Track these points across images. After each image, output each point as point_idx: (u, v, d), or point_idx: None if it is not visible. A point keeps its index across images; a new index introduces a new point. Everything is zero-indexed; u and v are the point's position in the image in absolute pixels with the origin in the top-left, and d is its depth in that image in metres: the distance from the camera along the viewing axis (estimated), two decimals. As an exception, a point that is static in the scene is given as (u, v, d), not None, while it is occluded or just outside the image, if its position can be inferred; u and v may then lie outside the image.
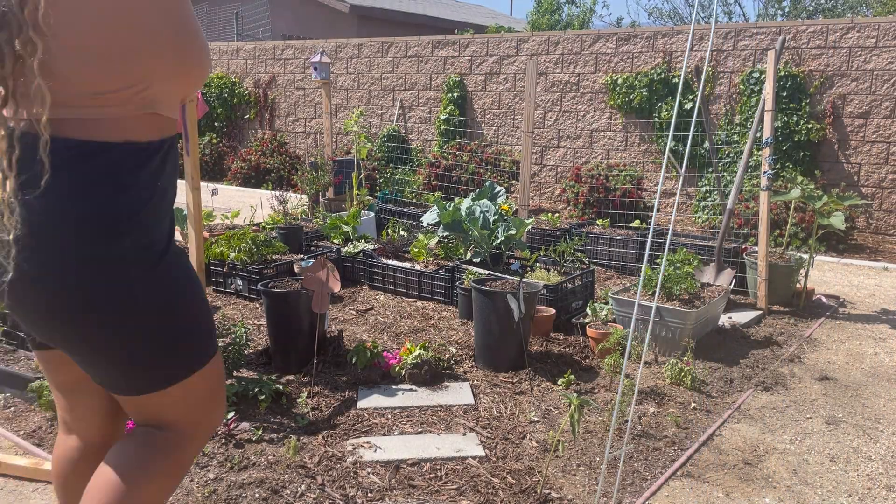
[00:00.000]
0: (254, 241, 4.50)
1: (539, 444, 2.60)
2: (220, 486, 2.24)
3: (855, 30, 6.76)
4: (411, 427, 2.70)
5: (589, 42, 8.19)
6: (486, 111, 8.99)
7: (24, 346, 3.05)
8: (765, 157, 4.36)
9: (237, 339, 2.97)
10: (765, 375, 3.36)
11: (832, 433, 2.80)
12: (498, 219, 4.59)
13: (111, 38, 1.19)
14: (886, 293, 5.03)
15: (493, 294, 3.22)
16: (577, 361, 3.41)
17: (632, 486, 2.35)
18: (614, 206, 7.28)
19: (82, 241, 1.20)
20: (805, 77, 6.97)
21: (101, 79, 1.20)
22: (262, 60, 10.99)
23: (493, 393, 3.01)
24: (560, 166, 8.53)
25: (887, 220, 6.81)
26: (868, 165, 6.83)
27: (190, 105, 3.17)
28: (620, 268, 5.29)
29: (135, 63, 1.22)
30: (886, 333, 4.08)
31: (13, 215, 1.13)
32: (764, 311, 4.31)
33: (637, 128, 7.98)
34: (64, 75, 1.17)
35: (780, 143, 6.99)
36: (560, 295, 3.83)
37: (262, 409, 2.77)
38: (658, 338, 3.52)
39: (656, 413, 2.90)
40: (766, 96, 4.41)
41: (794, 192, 4.72)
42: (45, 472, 2.30)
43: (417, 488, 2.28)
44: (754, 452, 2.62)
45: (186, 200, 3.21)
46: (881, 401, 3.12)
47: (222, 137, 11.38)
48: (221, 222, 5.91)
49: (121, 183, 1.22)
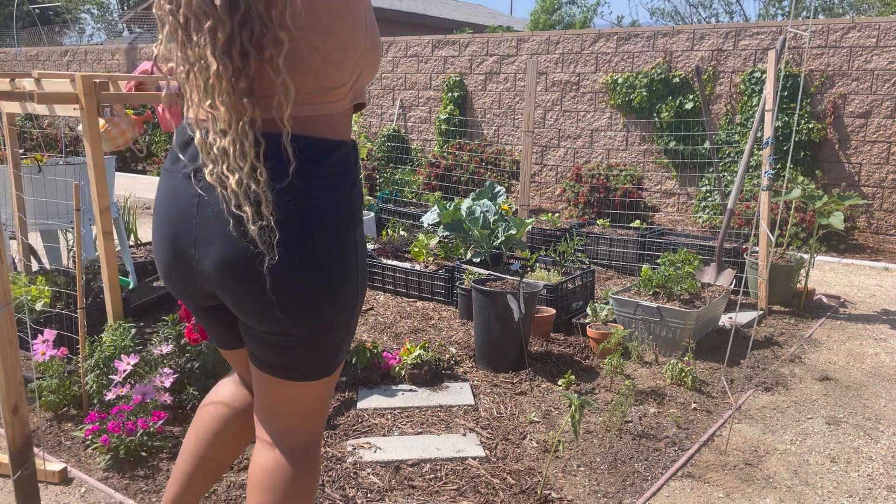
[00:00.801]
0: (254, 240, 4.49)
1: (539, 444, 2.60)
2: (219, 487, 2.23)
3: (855, 29, 6.75)
4: (411, 427, 2.70)
5: (589, 41, 8.18)
6: (487, 111, 8.99)
7: (24, 345, 3.05)
8: (765, 156, 4.35)
9: (237, 340, 2.96)
10: (765, 376, 3.35)
11: (833, 433, 2.80)
12: (498, 219, 4.59)
13: (339, 34, 1.24)
14: (887, 293, 5.02)
15: (493, 294, 3.22)
16: (578, 362, 3.40)
17: (632, 486, 2.35)
18: (615, 206, 7.28)
19: (330, 231, 1.28)
20: (805, 77, 6.97)
21: (331, 75, 1.25)
22: (262, 60, 10.99)
23: (494, 393, 3.01)
24: (560, 166, 8.52)
25: (888, 220, 6.80)
26: (869, 165, 6.83)
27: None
28: (621, 268, 5.29)
29: (355, 57, 1.28)
30: (887, 333, 4.08)
31: (269, 205, 1.18)
32: (764, 311, 4.30)
33: (637, 127, 7.97)
34: (299, 73, 1.21)
35: (781, 143, 6.98)
36: (560, 295, 3.82)
37: (262, 409, 2.77)
38: (658, 338, 3.51)
39: (657, 413, 2.89)
40: (766, 96, 4.41)
41: (795, 191, 4.71)
42: (44, 473, 2.29)
43: (417, 489, 2.27)
44: (755, 453, 2.62)
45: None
46: (882, 401, 3.12)
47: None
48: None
49: (353, 177, 1.33)
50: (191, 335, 2.71)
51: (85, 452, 2.46)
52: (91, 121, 2.77)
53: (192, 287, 1.36)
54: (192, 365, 2.75)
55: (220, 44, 1.14)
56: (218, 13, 1.12)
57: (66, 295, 3.25)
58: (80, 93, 2.72)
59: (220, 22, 1.13)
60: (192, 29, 1.14)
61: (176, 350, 2.78)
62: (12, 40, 18.26)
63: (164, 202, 1.34)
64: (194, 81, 1.18)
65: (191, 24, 1.14)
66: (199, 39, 1.14)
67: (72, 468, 2.35)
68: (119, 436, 2.37)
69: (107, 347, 2.66)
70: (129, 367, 2.56)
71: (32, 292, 3.22)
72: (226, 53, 1.14)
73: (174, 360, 2.78)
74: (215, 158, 1.19)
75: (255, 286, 1.24)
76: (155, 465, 2.37)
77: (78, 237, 2.66)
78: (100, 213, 2.83)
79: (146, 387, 2.52)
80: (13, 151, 3.59)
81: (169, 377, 2.59)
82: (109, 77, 3.05)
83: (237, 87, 1.16)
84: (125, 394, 2.52)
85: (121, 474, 2.31)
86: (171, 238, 1.32)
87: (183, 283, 1.37)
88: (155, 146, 11.79)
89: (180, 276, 1.35)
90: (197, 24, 1.14)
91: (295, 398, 1.41)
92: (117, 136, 3.57)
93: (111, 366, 2.62)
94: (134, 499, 2.19)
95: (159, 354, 2.71)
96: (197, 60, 1.15)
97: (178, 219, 1.30)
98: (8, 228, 3.79)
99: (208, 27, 1.13)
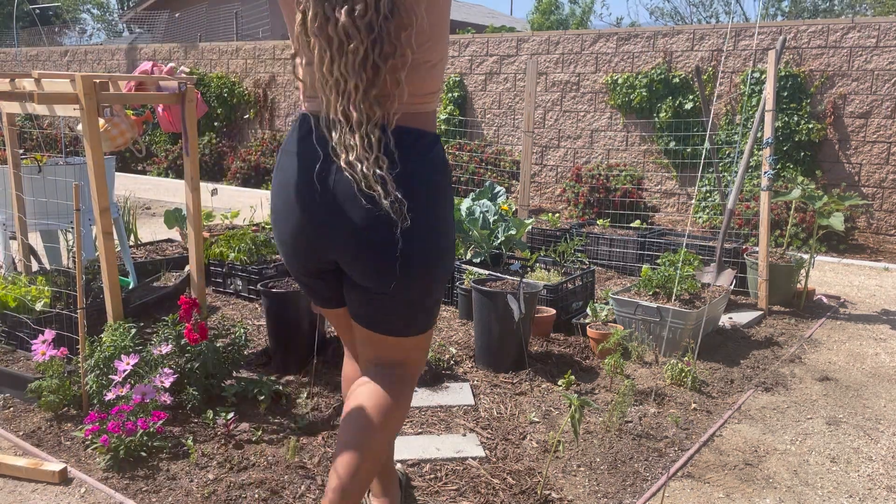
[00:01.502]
0: (253, 241, 4.50)
1: (539, 444, 2.60)
2: (219, 487, 2.23)
3: (855, 30, 6.75)
4: (411, 427, 2.70)
5: (589, 42, 8.18)
6: (486, 111, 8.99)
7: (24, 346, 3.05)
8: (765, 157, 4.35)
9: (236, 340, 2.96)
10: (765, 376, 3.35)
11: (833, 434, 2.80)
12: (498, 219, 4.59)
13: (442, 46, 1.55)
14: (887, 293, 5.03)
15: (493, 294, 3.22)
16: (578, 362, 3.40)
17: (632, 486, 2.35)
18: (615, 206, 7.28)
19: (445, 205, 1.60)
20: (805, 77, 6.97)
21: (434, 80, 1.56)
22: (261, 60, 10.98)
23: (494, 393, 3.01)
24: (560, 166, 8.52)
25: (888, 220, 6.80)
26: (869, 165, 6.83)
27: (189, 105, 3.16)
28: (621, 268, 5.29)
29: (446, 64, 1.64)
30: (887, 334, 4.08)
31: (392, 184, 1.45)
32: (764, 311, 4.30)
33: (637, 128, 7.97)
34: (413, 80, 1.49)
35: (781, 143, 6.98)
36: (560, 295, 3.83)
37: (262, 409, 2.77)
38: (658, 338, 3.51)
39: (657, 413, 2.89)
40: (766, 96, 4.41)
41: (795, 192, 4.71)
42: (45, 473, 2.29)
43: (417, 489, 2.27)
44: (755, 453, 2.62)
45: (186, 200, 3.20)
46: (882, 401, 3.12)
47: (222, 137, 11.37)
48: (221, 222, 5.91)
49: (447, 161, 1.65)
50: (191, 335, 2.71)
51: (85, 452, 2.46)
52: (91, 121, 2.77)
53: (314, 254, 1.61)
54: (192, 365, 2.75)
55: (359, 60, 1.40)
56: (360, 36, 1.38)
57: (66, 295, 3.25)
58: (80, 93, 2.72)
59: (360, 43, 1.39)
60: (335, 47, 1.40)
61: (176, 350, 2.78)
62: (12, 40, 18.26)
63: (294, 180, 1.57)
64: (333, 88, 1.43)
65: (334, 43, 1.40)
66: (342, 56, 1.40)
67: (72, 468, 2.35)
68: (119, 436, 2.37)
69: (107, 347, 2.66)
70: (128, 368, 2.56)
71: (32, 292, 3.22)
72: (362, 68, 1.41)
73: (174, 360, 2.78)
74: (347, 149, 1.45)
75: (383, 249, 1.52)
76: (155, 465, 2.37)
77: (78, 237, 2.66)
78: (100, 213, 2.83)
79: (146, 387, 2.52)
80: (13, 151, 3.59)
81: (169, 377, 2.58)
82: (109, 77, 3.05)
83: (368, 95, 1.42)
84: (125, 394, 2.51)
85: (121, 474, 2.31)
86: (302, 211, 1.56)
87: (308, 250, 1.61)
88: (155, 146, 11.79)
89: (307, 244, 1.60)
90: (340, 44, 1.39)
91: (396, 345, 1.69)
92: (117, 136, 3.57)
93: (111, 366, 2.62)
94: (134, 499, 2.19)
95: (159, 354, 2.71)
96: (339, 73, 1.41)
97: (311, 195, 1.54)
98: (8, 228, 3.79)
99: (352, 48, 1.39)
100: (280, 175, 1.61)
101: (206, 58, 11.65)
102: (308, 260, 1.64)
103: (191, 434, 2.56)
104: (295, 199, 1.57)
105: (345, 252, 1.56)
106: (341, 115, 1.44)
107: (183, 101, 3.14)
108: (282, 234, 1.64)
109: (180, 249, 4.90)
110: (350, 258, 1.56)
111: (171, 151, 11.48)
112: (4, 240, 3.82)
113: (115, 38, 26.37)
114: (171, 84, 3.16)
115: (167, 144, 11.74)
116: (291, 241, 1.62)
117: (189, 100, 3.15)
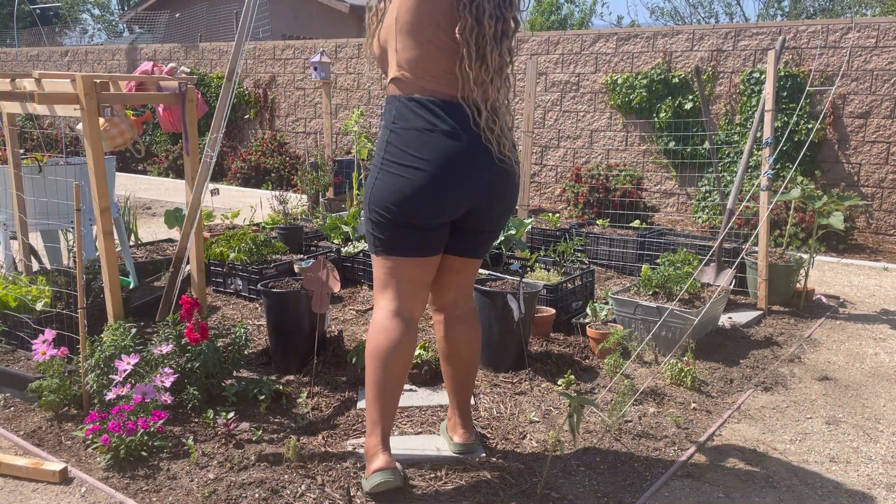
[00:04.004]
0: (254, 241, 4.50)
1: (539, 444, 2.60)
2: (219, 487, 2.24)
3: (855, 30, 6.76)
4: (411, 427, 2.70)
5: (589, 42, 8.18)
6: (487, 111, 8.98)
7: (25, 345, 3.05)
8: (765, 157, 4.35)
9: (237, 340, 2.96)
10: (765, 376, 3.36)
11: (832, 433, 2.80)
12: (498, 219, 4.59)
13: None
14: (887, 293, 5.03)
15: (493, 294, 3.22)
16: (578, 361, 3.41)
17: (632, 486, 2.35)
18: (614, 206, 7.28)
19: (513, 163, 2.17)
20: (805, 77, 6.97)
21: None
22: (261, 60, 10.99)
23: (493, 393, 3.01)
24: (560, 166, 8.53)
25: (887, 220, 6.80)
26: (868, 165, 6.83)
27: (190, 105, 3.17)
28: (620, 268, 5.29)
29: None
30: (887, 333, 4.08)
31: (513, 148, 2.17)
32: (764, 311, 4.30)
33: (637, 128, 7.97)
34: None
35: (781, 143, 6.98)
36: (560, 295, 3.83)
37: (262, 409, 2.77)
38: (658, 338, 3.51)
39: (656, 413, 2.89)
40: (766, 96, 4.41)
41: (794, 192, 4.72)
42: (45, 472, 2.30)
43: (417, 488, 2.28)
44: (754, 452, 2.62)
45: (186, 200, 3.20)
46: (881, 401, 3.12)
47: (222, 137, 11.37)
48: (221, 222, 5.91)
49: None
50: (191, 335, 2.71)
51: (85, 452, 2.46)
52: (91, 121, 2.77)
53: (452, 205, 2.10)
54: (192, 365, 2.76)
55: (498, 62, 2.05)
56: (502, 47, 2.06)
57: (67, 295, 3.26)
58: (81, 93, 2.73)
59: (506, 49, 2.07)
60: (486, 50, 2.01)
61: (176, 350, 2.78)
62: (13, 40, 18.25)
63: (438, 147, 2.04)
64: (479, 80, 2.02)
65: (485, 49, 2.01)
66: (490, 60, 2.03)
67: (72, 468, 2.36)
68: (119, 435, 2.37)
69: (107, 347, 2.67)
70: (129, 367, 2.56)
71: (33, 292, 3.23)
72: (503, 67, 2.09)
73: (174, 360, 2.78)
74: (486, 121, 2.05)
75: (511, 196, 2.21)
76: (155, 464, 2.37)
77: (78, 237, 2.67)
78: (100, 213, 2.83)
79: (146, 386, 2.53)
80: (13, 151, 3.59)
81: (169, 377, 2.59)
82: (110, 77, 3.05)
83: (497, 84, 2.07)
84: (125, 393, 2.52)
85: (121, 474, 2.32)
86: (450, 170, 2.04)
87: (453, 201, 2.09)
88: (155, 146, 11.80)
89: (452, 197, 2.08)
90: (490, 48, 2.02)
91: (476, 268, 2.36)
92: (116, 136, 3.58)
93: (111, 366, 2.62)
94: (134, 498, 2.19)
95: (159, 354, 2.72)
96: (490, 69, 2.03)
97: (459, 159, 2.05)
98: (9, 228, 3.80)
99: (497, 53, 2.04)
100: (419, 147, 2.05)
101: (206, 58, 11.65)
102: (452, 211, 2.12)
103: (191, 434, 2.56)
104: (461, 163, 2.05)
105: (484, 199, 2.13)
106: (485, 97, 2.05)
107: (183, 101, 3.14)
108: (437, 191, 2.06)
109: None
110: (486, 205, 2.15)
111: (171, 151, 11.48)
112: (5, 239, 3.83)
113: (115, 39, 26.36)
114: (171, 84, 3.16)
115: (167, 144, 11.74)
116: (449, 196, 2.07)
117: (189, 100, 3.16)
